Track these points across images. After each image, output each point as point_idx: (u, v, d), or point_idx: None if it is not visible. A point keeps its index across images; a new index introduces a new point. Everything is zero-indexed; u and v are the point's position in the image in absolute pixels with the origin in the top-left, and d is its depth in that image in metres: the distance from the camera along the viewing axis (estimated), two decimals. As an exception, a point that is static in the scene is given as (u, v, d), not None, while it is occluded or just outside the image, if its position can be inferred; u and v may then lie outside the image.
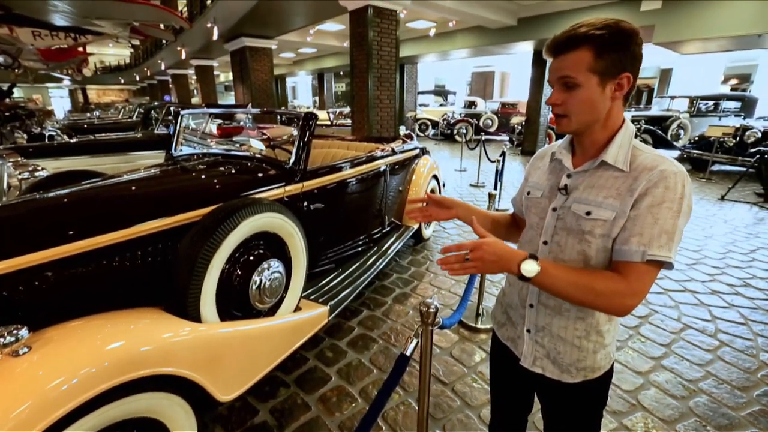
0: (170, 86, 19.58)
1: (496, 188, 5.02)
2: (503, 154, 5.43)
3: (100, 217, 1.56)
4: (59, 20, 7.07)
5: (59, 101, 30.62)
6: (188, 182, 2.07)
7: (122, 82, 27.71)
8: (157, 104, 7.78)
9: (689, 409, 1.96)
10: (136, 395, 1.22)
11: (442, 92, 18.77)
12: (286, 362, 1.97)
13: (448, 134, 13.57)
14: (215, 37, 8.73)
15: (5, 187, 3.29)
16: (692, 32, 6.39)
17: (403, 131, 7.58)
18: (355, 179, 2.78)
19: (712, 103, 10.36)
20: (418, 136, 13.78)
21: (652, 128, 9.46)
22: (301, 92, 30.54)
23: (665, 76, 17.14)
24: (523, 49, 10.20)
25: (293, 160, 2.23)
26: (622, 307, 0.80)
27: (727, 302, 3.03)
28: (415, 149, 3.89)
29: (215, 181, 2.05)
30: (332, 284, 2.51)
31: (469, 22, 9.29)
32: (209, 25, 8.36)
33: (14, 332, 1.05)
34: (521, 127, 11.19)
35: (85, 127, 7.16)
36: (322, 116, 12.12)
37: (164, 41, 13.11)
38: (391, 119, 7.25)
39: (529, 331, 1.00)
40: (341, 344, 2.47)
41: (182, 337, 1.39)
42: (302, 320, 2.02)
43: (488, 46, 9.94)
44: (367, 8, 6.31)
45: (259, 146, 2.69)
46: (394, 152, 3.39)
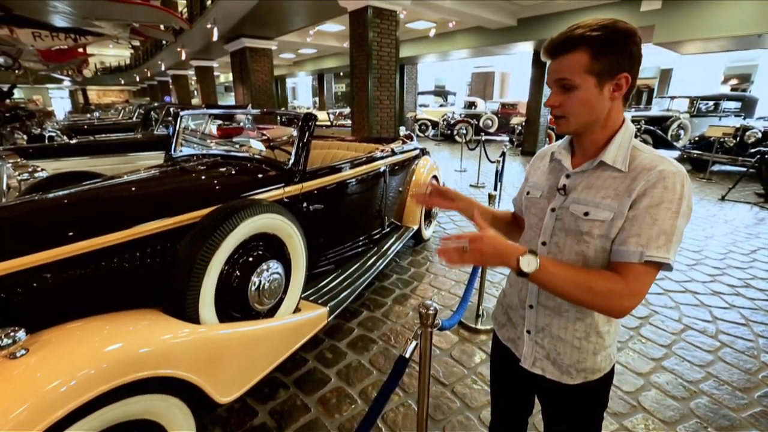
0: (170, 87, 19.60)
1: (495, 189, 5.00)
2: (503, 154, 5.43)
3: (99, 218, 1.56)
4: (59, 21, 7.08)
5: (59, 102, 30.66)
6: (187, 183, 2.07)
7: (122, 82, 27.75)
8: (157, 105, 7.78)
9: (690, 410, 1.96)
10: (134, 397, 1.21)
11: (442, 93, 18.75)
12: (285, 363, 1.96)
13: (448, 135, 13.58)
14: (215, 37, 8.74)
15: (5, 188, 3.29)
16: (692, 32, 6.38)
17: (403, 132, 7.59)
18: (354, 180, 2.77)
19: (712, 103, 10.36)
20: (418, 136, 13.78)
21: (652, 128, 9.46)
22: (301, 93, 30.56)
23: (665, 76, 17.15)
24: (523, 49, 10.20)
25: (292, 160, 2.23)
26: (619, 308, 0.79)
27: (727, 303, 3.02)
28: (415, 150, 3.89)
29: (214, 181, 2.05)
30: (332, 285, 2.50)
31: (468, 22, 9.29)
32: (209, 25, 8.36)
33: (11, 334, 1.05)
34: (521, 127, 11.18)
35: (85, 127, 7.15)
36: (322, 117, 12.10)
37: (164, 42, 13.13)
38: (391, 120, 7.25)
39: (529, 332, 1.00)
40: (341, 345, 2.47)
41: (181, 338, 1.38)
42: (302, 321, 2.02)
43: (488, 46, 9.93)
44: (366, 9, 6.31)
45: (258, 147, 2.69)
46: (393, 153, 3.39)
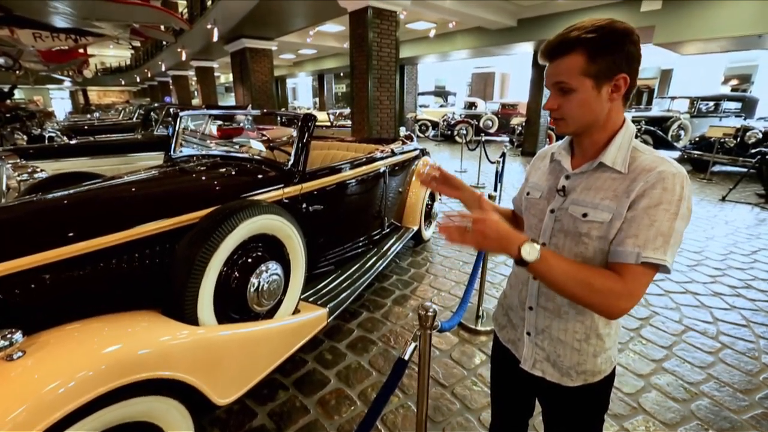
0: (170, 87, 19.62)
1: (496, 189, 4.97)
2: (503, 155, 5.41)
3: (98, 218, 1.55)
4: (60, 22, 7.09)
5: (60, 102, 30.71)
6: (187, 184, 2.06)
7: (123, 83, 27.78)
8: (157, 105, 7.77)
9: (691, 412, 1.95)
10: (133, 399, 1.21)
11: (442, 93, 18.75)
12: (284, 365, 1.96)
13: (448, 135, 13.57)
14: (215, 38, 8.74)
15: (4, 188, 3.29)
16: (692, 33, 6.38)
17: (403, 132, 7.58)
18: (354, 181, 2.77)
19: (712, 103, 10.36)
20: (418, 137, 13.78)
21: (652, 129, 9.46)
22: (301, 93, 30.58)
23: (665, 76, 17.15)
24: (523, 50, 10.19)
25: (292, 161, 2.22)
26: (615, 308, 0.78)
27: (728, 304, 3.02)
28: (414, 150, 3.89)
29: (214, 182, 2.04)
30: (331, 286, 2.50)
31: (468, 23, 9.29)
32: (209, 26, 8.37)
33: (8, 336, 1.05)
34: (521, 128, 11.19)
35: (85, 128, 7.14)
36: (322, 117, 12.08)
37: (164, 43, 13.15)
38: (391, 120, 7.25)
39: (529, 333, 1.00)
40: (340, 347, 2.46)
41: (180, 340, 1.38)
42: (301, 322, 2.01)
43: (488, 47, 9.94)
44: (366, 9, 6.31)
45: (258, 147, 2.69)
46: (393, 153, 3.38)
